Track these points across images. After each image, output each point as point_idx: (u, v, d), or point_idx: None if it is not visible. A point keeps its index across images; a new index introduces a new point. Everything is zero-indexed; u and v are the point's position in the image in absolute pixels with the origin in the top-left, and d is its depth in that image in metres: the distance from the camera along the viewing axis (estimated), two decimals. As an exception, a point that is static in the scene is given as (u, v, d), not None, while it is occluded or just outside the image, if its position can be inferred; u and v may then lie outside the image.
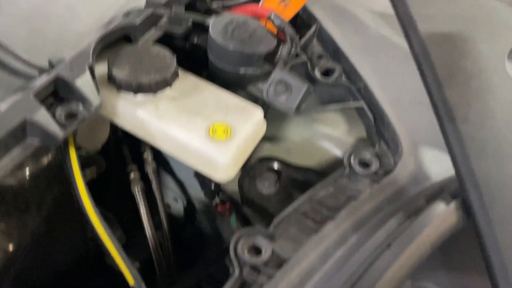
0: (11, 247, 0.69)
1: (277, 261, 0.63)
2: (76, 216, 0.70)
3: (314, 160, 0.88)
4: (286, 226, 0.67)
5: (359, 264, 0.60)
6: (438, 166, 0.73)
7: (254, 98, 0.80)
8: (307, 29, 0.96)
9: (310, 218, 0.68)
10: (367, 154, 0.76)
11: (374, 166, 0.75)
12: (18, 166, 0.62)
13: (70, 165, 0.68)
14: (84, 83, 0.65)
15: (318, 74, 0.87)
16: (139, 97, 0.70)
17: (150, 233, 0.86)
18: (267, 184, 0.84)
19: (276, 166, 0.87)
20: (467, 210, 0.61)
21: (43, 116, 0.61)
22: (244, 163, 0.73)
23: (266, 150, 0.91)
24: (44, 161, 0.67)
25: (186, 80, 0.75)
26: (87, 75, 0.65)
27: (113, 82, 0.69)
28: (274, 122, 0.90)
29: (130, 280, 0.64)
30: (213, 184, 0.87)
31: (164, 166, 1.02)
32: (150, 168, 0.90)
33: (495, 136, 0.65)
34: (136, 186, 0.87)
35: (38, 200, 0.71)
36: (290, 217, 0.68)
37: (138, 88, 0.68)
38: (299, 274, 0.61)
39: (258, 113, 0.72)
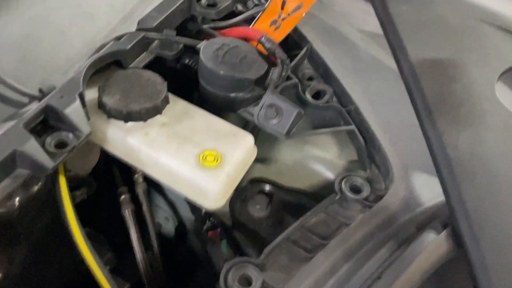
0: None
1: (267, 291, 0.63)
2: (66, 240, 0.70)
3: (305, 182, 0.88)
4: (277, 255, 0.66)
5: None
6: (429, 191, 0.74)
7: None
8: (299, 49, 0.96)
9: (301, 246, 0.68)
10: (358, 179, 0.77)
11: (365, 191, 0.75)
12: (8, 197, 0.62)
13: (60, 192, 0.67)
14: (74, 112, 0.64)
15: (309, 96, 0.87)
16: (129, 124, 0.69)
17: (141, 256, 0.85)
18: (259, 207, 0.83)
19: (267, 188, 0.87)
20: (458, 239, 0.61)
21: (33, 146, 0.60)
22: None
23: (258, 171, 0.90)
24: (33, 189, 0.66)
25: (177, 105, 0.75)
26: (77, 104, 0.65)
27: (103, 110, 0.69)
28: (266, 143, 0.90)
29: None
30: (203, 209, 0.87)
31: (155, 185, 1.02)
32: (140, 189, 0.90)
33: (485, 164, 0.65)
34: (126, 209, 0.87)
35: (28, 227, 0.70)
36: (281, 245, 0.68)
37: (128, 116, 0.68)
38: (291, 306, 0.61)
39: (248, 139, 0.72)
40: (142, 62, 0.80)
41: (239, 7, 0.98)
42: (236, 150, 0.69)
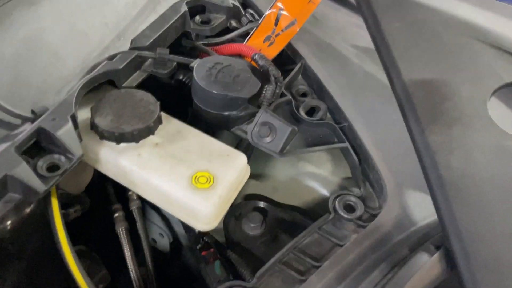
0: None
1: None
2: (58, 260, 0.69)
3: (300, 199, 0.88)
4: (269, 278, 0.66)
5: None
6: (423, 209, 0.73)
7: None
8: (293, 64, 0.96)
9: (294, 269, 0.67)
10: (352, 198, 0.76)
11: (359, 210, 0.75)
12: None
13: (52, 214, 0.67)
14: (66, 134, 0.64)
15: (302, 113, 0.87)
16: (122, 145, 0.69)
17: (135, 274, 0.85)
18: (253, 225, 0.83)
19: (262, 205, 0.87)
20: (451, 261, 0.61)
21: (24, 171, 0.60)
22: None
23: (252, 188, 0.90)
24: (25, 212, 0.66)
25: (170, 125, 0.74)
26: (69, 126, 0.65)
27: (95, 131, 0.69)
28: (261, 160, 0.90)
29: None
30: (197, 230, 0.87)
31: (150, 202, 1.01)
32: (134, 206, 0.90)
33: (478, 183, 0.65)
34: (120, 227, 0.86)
35: (20, 248, 0.70)
36: (273, 268, 0.67)
37: (120, 138, 0.67)
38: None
39: (241, 159, 0.72)
40: (135, 80, 0.80)
41: (233, 23, 0.98)
42: (229, 171, 0.69)
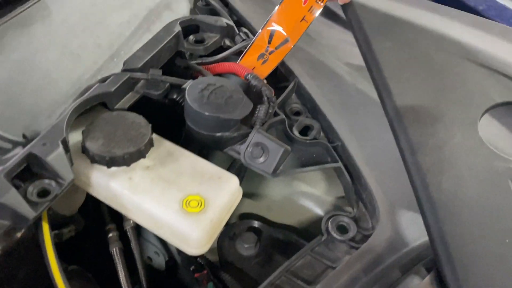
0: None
1: None
2: (50, 284, 0.69)
3: (294, 218, 0.88)
4: (261, 302, 0.66)
5: None
6: (415, 229, 0.73)
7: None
8: (287, 81, 0.97)
9: (285, 293, 0.67)
10: (345, 219, 0.76)
11: (352, 231, 0.75)
12: (-11, 246, 0.62)
13: (43, 239, 0.67)
14: (56, 159, 0.64)
15: (296, 132, 0.87)
16: (113, 168, 0.69)
17: (129, 295, 0.85)
18: (247, 246, 0.83)
19: (256, 225, 0.87)
20: (442, 284, 0.61)
21: (14, 197, 0.60)
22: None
23: (247, 207, 0.90)
24: (16, 237, 0.66)
25: (161, 147, 0.74)
26: (60, 150, 0.65)
27: (86, 155, 0.69)
28: (255, 179, 0.90)
29: None
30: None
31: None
32: (129, 226, 0.89)
33: (468, 204, 0.65)
34: (114, 248, 0.86)
35: (11, 272, 0.70)
36: (265, 292, 0.67)
37: (111, 161, 0.67)
38: None
39: (233, 182, 0.72)
40: (128, 102, 0.80)
41: (227, 43, 0.98)
42: (220, 194, 0.69)
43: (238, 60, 0.91)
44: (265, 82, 0.91)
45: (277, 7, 0.86)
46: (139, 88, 0.82)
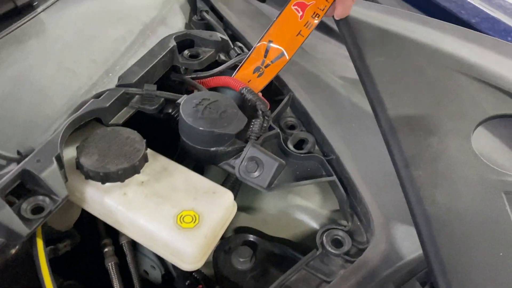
0: None
1: None
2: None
3: (290, 231, 0.88)
4: (255, 318, 0.66)
5: None
6: (410, 243, 0.73)
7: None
8: (282, 95, 0.97)
9: (279, 308, 0.67)
10: (340, 233, 0.76)
11: (347, 245, 0.75)
12: (-17, 263, 0.62)
13: (37, 255, 0.67)
14: (50, 175, 0.64)
15: (291, 146, 0.88)
16: (107, 184, 0.69)
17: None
18: (242, 260, 0.83)
19: (252, 239, 0.87)
20: (436, 298, 0.61)
21: (7, 214, 0.60)
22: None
23: (242, 220, 0.90)
24: (10, 253, 0.66)
25: (156, 162, 0.75)
26: (54, 167, 0.65)
27: (81, 171, 0.69)
28: (250, 192, 0.90)
29: None
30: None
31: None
32: (124, 240, 0.89)
33: (462, 218, 0.65)
34: (110, 262, 0.86)
35: (6, 288, 0.70)
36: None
37: (105, 177, 0.67)
38: None
39: (227, 196, 0.72)
40: (123, 117, 0.80)
41: (222, 57, 0.99)
42: (214, 209, 0.69)
43: (234, 72, 0.91)
44: (260, 95, 0.91)
45: (273, 21, 0.87)
46: (134, 103, 0.82)
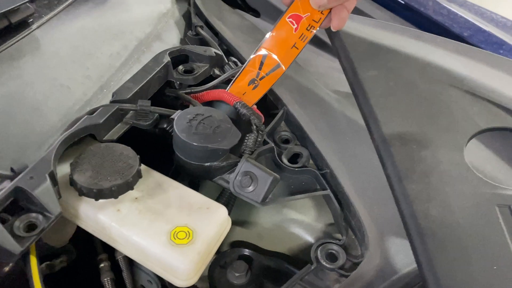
0: None
1: None
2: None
3: (285, 245, 0.88)
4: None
5: None
6: (404, 257, 0.73)
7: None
8: (276, 109, 0.97)
9: (273, 324, 0.67)
10: (334, 247, 0.76)
11: (341, 259, 0.75)
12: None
13: (30, 272, 0.66)
14: (44, 192, 0.64)
15: (285, 160, 0.88)
16: (101, 201, 0.69)
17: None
18: (238, 274, 0.82)
19: (247, 253, 0.87)
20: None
21: (0, 232, 0.60)
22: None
23: (238, 235, 0.90)
24: (3, 271, 0.66)
25: (150, 178, 0.75)
26: (47, 184, 0.65)
27: (74, 187, 0.69)
28: (245, 207, 0.90)
29: None
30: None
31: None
32: (120, 256, 0.89)
33: (456, 232, 0.65)
34: (105, 278, 0.85)
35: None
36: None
37: (99, 194, 0.67)
38: None
39: (221, 212, 0.72)
40: (117, 133, 0.80)
41: (216, 72, 0.99)
42: (208, 225, 0.69)
43: (229, 85, 0.92)
44: (255, 107, 0.91)
45: (268, 34, 0.87)
46: (128, 119, 0.82)
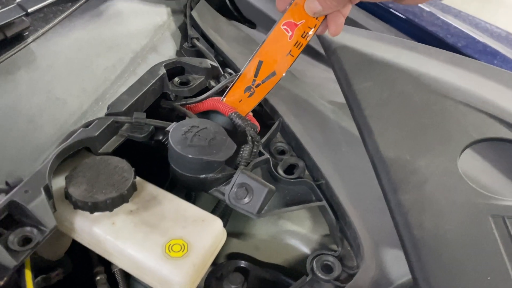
0: None
1: None
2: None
3: (281, 256, 0.88)
4: None
5: None
6: (399, 267, 0.73)
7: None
8: (272, 120, 0.98)
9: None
10: (330, 258, 0.76)
11: (337, 270, 0.75)
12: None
13: (25, 286, 0.66)
14: (38, 206, 0.64)
15: (281, 171, 0.88)
16: (96, 214, 0.69)
17: None
18: (234, 286, 0.82)
19: (243, 265, 0.87)
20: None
21: (-7, 247, 0.60)
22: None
23: (234, 246, 0.90)
24: (-1, 285, 0.66)
25: (145, 190, 0.75)
26: (42, 197, 0.65)
27: (69, 200, 0.69)
28: (241, 218, 0.90)
29: None
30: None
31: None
32: (117, 268, 0.89)
33: (450, 243, 0.65)
34: (101, 291, 0.85)
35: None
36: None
37: (93, 207, 0.67)
38: None
39: (216, 224, 0.72)
40: (112, 146, 0.80)
41: (212, 83, 0.99)
42: (203, 237, 0.69)
43: (226, 92, 0.91)
44: (251, 115, 0.92)
45: (263, 41, 0.88)
46: (124, 131, 0.82)
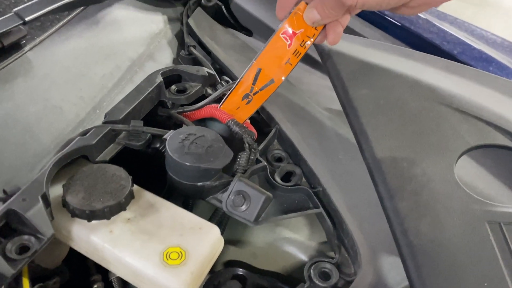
0: None
1: None
2: None
3: (279, 264, 0.88)
4: None
5: None
6: (396, 274, 0.73)
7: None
8: (269, 127, 0.98)
9: None
10: (327, 265, 0.76)
11: (334, 278, 0.75)
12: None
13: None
14: (36, 214, 0.64)
15: (278, 178, 0.88)
16: (93, 222, 0.69)
17: None
18: (232, 295, 0.82)
19: (241, 272, 0.87)
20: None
21: (-9, 256, 0.60)
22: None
23: (232, 254, 0.90)
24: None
25: (142, 198, 0.75)
26: (40, 206, 0.65)
27: (67, 209, 0.69)
28: (239, 226, 0.90)
29: None
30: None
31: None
32: (114, 276, 0.89)
33: (447, 249, 0.65)
34: (99, 300, 0.85)
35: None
36: None
37: (91, 215, 0.67)
38: None
39: (214, 231, 0.72)
40: (109, 154, 0.80)
41: (209, 91, 1.00)
42: (201, 245, 0.69)
43: (223, 99, 0.92)
44: (248, 122, 0.92)
45: (262, 49, 0.88)
46: (121, 139, 0.82)
